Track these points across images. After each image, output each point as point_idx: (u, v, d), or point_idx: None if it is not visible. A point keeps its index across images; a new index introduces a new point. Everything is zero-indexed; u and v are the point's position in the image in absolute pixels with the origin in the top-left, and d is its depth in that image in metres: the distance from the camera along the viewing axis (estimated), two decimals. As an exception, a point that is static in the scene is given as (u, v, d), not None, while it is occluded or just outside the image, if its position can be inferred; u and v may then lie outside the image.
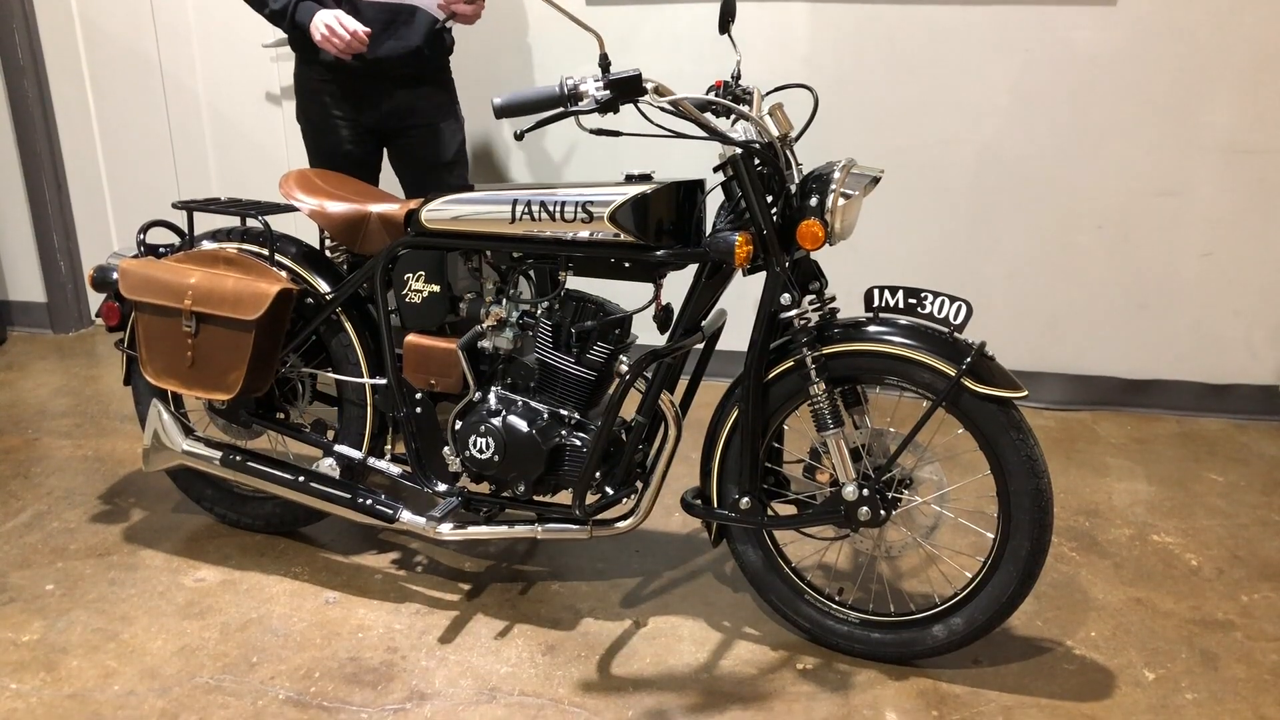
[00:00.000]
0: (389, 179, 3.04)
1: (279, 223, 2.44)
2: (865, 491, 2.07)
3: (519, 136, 1.83)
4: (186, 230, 2.59)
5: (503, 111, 1.87)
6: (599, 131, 1.92)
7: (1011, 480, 1.99)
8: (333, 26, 2.61)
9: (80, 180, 4.01)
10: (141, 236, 2.57)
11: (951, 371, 1.97)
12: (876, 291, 2.06)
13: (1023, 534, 1.99)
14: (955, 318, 1.99)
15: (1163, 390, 3.43)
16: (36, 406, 3.56)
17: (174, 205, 2.58)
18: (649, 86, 1.86)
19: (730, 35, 2.37)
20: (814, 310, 2.10)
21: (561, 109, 1.86)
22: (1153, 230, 3.28)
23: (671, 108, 1.92)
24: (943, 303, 2.01)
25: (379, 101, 2.84)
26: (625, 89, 1.83)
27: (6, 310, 4.19)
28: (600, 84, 1.85)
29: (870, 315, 2.07)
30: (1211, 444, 3.26)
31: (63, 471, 3.09)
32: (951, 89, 3.25)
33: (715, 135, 1.97)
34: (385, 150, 2.98)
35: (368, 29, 2.63)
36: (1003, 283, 3.41)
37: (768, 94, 2.26)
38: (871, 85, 3.29)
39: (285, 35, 2.84)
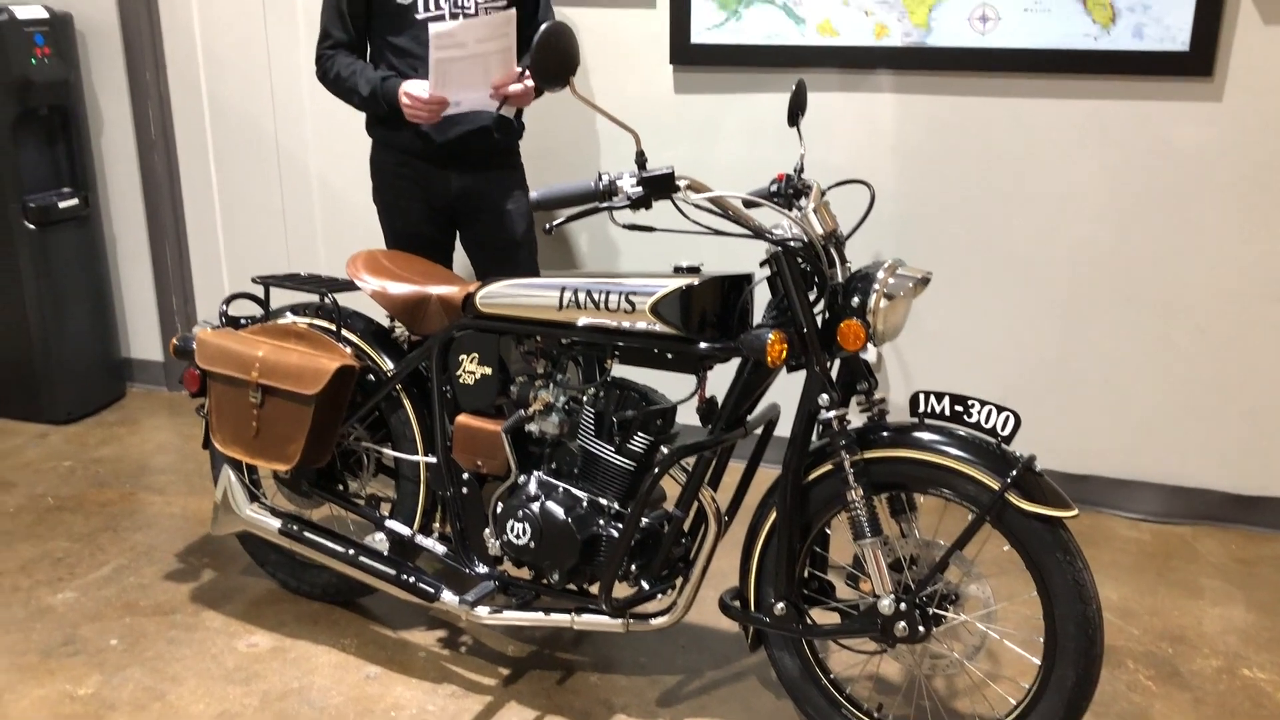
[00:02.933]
0: (462, 258, 3.12)
1: (358, 299, 2.51)
2: (903, 606, 1.97)
3: (548, 231, 1.85)
4: (265, 303, 2.70)
5: (540, 205, 1.90)
6: (633, 227, 1.92)
7: (1057, 604, 1.87)
8: (412, 94, 2.70)
9: (200, 248, 4.23)
10: (224, 308, 2.69)
11: (995, 485, 1.87)
12: (922, 396, 1.99)
13: (1068, 662, 1.87)
14: (1003, 429, 1.91)
15: (1274, 508, 3.19)
16: (139, 461, 3.73)
17: (253, 280, 2.69)
18: (682, 184, 1.85)
19: (799, 128, 2.36)
20: (862, 411, 2.04)
21: (596, 204, 1.87)
22: (1262, 335, 3.08)
23: (709, 204, 1.91)
24: (990, 412, 1.92)
25: (449, 184, 2.92)
26: (658, 186, 1.84)
27: (128, 367, 4.43)
28: (634, 180, 1.86)
29: (915, 420, 2.00)
30: (1326, 570, 3.01)
31: (149, 527, 3.21)
32: (1043, 183, 3.14)
33: (752, 232, 1.95)
34: (457, 230, 3.05)
35: (441, 96, 2.69)
36: (1097, 384, 3.25)
37: (828, 189, 2.23)
38: (960, 177, 3.21)
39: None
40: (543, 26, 1.75)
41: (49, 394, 3.98)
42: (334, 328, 2.55)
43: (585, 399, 2.26)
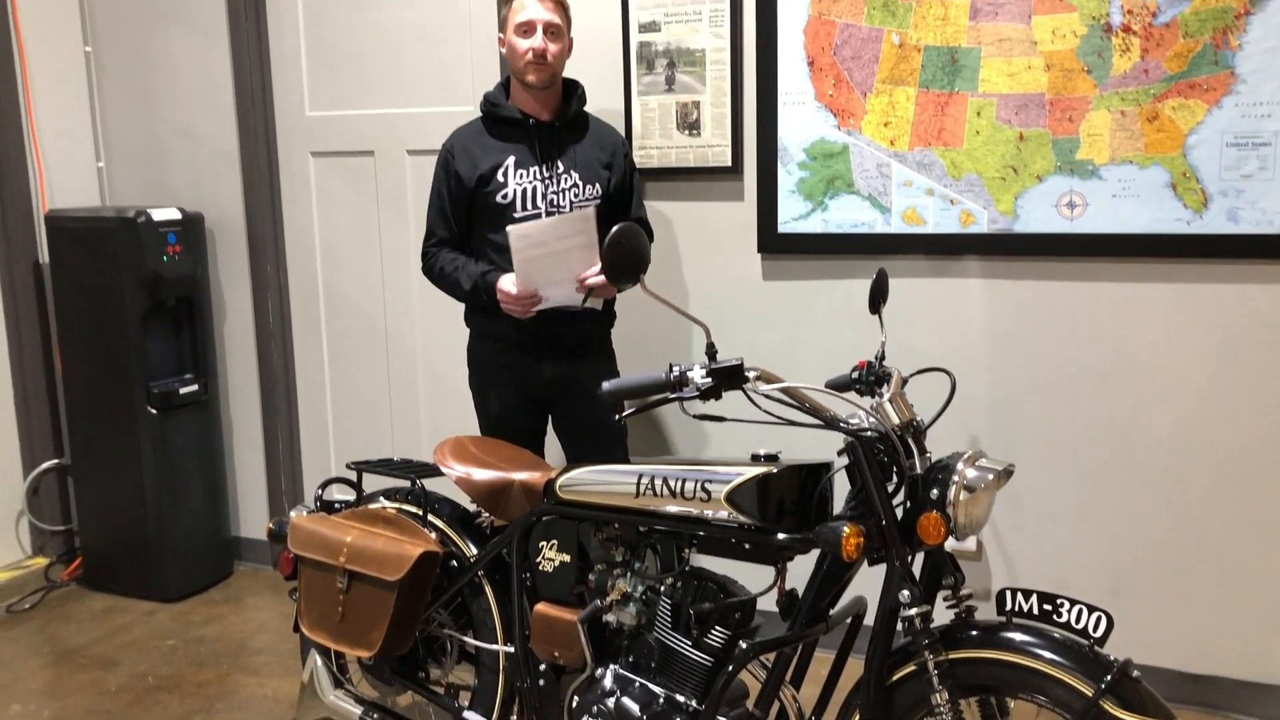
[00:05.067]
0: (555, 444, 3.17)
1: (449, 484, 2.56)
2: (996, 823, 1.85)
3: (619, 420, 1.88)
4: (359, 488, 2.77)
5: (611, 396, 1.93)
6: (703, 417, 1.94)
7: (1163, 826, 1.72)
8: (504, 289, 2.83)
9: (310, 431, 4.39)
10: (319, 493, 2.77)
11: (1089, 691, 1.76)
12: (1009, 594, 1.91)
13: None
14: (1095, 630, 1.81)
15: None
16: (239, 641, 3.78)
17: (348, 465, 2.78)
18: (751, 375, 1.87)
19: (880, 315, 2.38)
20: (948, 608, 1.97)
21: (666, 395, 1.90)
22: (1397, 528, 2.89)
23: (781, 394, 1.92)
24: (1081, 611, 1.83)
25: (542, 372, 3.01)
26: (727, 377, 1.86)
27: (237, 546, 4.56)
28: (704, 371, 1.88)
29: (1003, 620, 1.92)
30: None
31: (241, 710, 3.23)
32: (1140, 366, 3.07)
33: (824, 423, 1.95)
34: (550, 416, 3.12)
35: (533, 292, 2.81)
36: (1214, 576, 3.07)
37: (909, 377, 2.22)
38: (1053, 361, 3.16)
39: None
40: (613, 228, 1.82)
41: (159, 572, 4.11)
42: (420, 513, 2.59)
43: (663, 589, 2.23)
